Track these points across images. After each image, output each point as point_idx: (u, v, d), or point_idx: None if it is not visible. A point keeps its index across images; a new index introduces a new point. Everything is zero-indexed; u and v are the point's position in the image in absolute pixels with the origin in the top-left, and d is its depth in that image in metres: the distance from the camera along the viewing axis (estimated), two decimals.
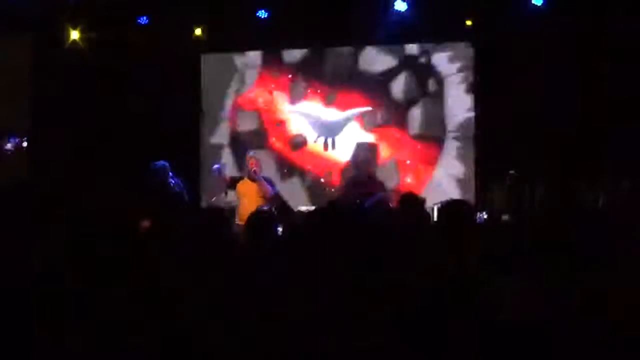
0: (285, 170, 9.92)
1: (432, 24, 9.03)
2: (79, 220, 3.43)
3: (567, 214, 3.82)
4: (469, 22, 8.97)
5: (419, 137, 9.55)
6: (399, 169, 9.58)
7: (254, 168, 7.87)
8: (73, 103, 9.46)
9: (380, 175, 8.85)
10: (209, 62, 10.12)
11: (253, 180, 7.86)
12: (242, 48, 9.92)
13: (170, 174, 7.99)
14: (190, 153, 9.69)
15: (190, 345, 2.69)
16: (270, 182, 8.00)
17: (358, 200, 6.98)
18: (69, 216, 3.51)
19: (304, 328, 2.56)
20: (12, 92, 9.31)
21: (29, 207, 3.63)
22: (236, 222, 7.53)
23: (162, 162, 7.98)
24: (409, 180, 9.50)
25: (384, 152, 9.62)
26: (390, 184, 9.09)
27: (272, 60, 9.96)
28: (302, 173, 9.90)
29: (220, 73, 10.09)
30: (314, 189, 9.79)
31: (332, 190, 9.58)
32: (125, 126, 9.53)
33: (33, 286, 2.95)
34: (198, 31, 9.66)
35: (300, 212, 8.12)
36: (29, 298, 2.87)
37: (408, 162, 9.58)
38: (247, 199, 7.82)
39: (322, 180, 9.81)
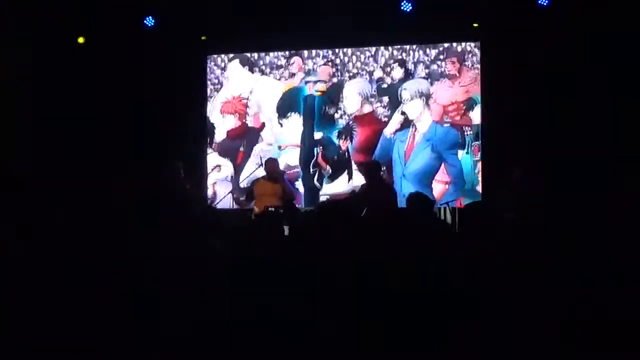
0: None
1: (437, 24, 9.02)
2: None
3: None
4: (475, 25, 8.98)
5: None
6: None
7: (278, 170, 8.14)
8: (76, 105, 9.48)
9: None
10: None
11: (275, 181, 7.97)
12: (248, 50, 9.90)
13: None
14: (194, 154, 9.70)
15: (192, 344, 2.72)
16: (291, 183, 8.35)
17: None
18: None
19: (305, 326, 2.59)
20: (15, 94, 9.33)
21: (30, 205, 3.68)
22: None
23: (176, 161, 8.12)
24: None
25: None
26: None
27: None
28: None
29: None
30: None
31: None
32: (128, 127, 9.53)
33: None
34: (204, 34, 9.65)
35: (305, 211, 8.15)
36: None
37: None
38: (263, 200, 7.89)
39: None
